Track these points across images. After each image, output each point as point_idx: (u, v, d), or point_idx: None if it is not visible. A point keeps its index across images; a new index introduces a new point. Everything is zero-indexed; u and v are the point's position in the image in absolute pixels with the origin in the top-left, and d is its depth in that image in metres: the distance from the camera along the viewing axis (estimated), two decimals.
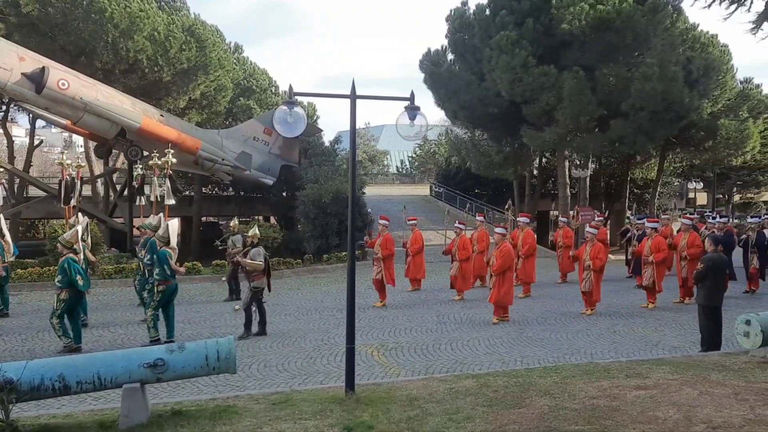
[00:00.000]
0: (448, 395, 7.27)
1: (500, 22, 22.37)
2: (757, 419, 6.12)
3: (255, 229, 11.79)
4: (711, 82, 23.76)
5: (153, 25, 21.43)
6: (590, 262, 12.93)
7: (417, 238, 16.07)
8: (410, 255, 16.22)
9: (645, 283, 13.91)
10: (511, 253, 12.42)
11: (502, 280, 12.24)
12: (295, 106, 7.21)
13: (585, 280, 13.11)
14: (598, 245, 13.27)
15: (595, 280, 13.05)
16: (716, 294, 9.87)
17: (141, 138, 20.31)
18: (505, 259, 12.16)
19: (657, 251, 13.63)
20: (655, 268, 13.66)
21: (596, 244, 13.23)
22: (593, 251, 13.06)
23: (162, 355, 6.57)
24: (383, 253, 14.99)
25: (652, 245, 13.78)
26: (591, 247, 13.15)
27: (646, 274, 13.86)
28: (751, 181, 38.49)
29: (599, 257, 13.02)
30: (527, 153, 27.99)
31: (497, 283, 12.25)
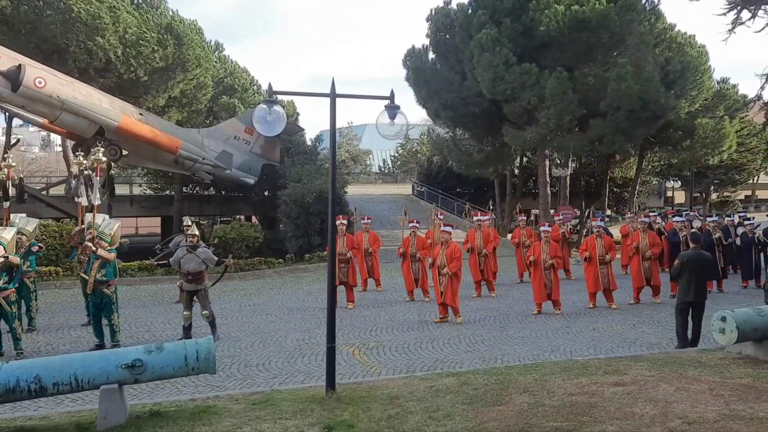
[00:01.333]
0: (429, 393, 7.30)
1: (480, 22, 22.48)
2: (731, 414, 6.23)
3: (194, 228, 11.33)
4: (688, 83, 24.08)
5: (124, 24, 21.11)
6: (552, 261, 12.90)
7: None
8: None
9: (604, 285, 13.68)
10: (461, 253, 12.41)
11: (456, 280, 12.18)
12: (274, 105, 7.19)
13: (546, 281, 13.03)
14: (555, 245, 13.27)
15: (556, 280, 13.07)
16: (687, 291, 10.01)
17: (120, 137, 20.10)
18: (459, 259, 12.14)
19: (610, 250, 13.72)
20: (610, 267, 13.64)
21: (552, 243, 13.20)
22: (551, 250, 13.02)
23: (140, 355, 6.53)
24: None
25: (605, 245, 13.76)
26: (550, 247, 13.09)
27: (602, 276, 13.66)
28: (727, 179, 39.05)
29: (560, 255, 13.08)
30: (508, 152, 28.14)
31: (448, 284, 12.11)
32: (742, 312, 8.84)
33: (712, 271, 10.58)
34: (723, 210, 37.30)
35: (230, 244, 21.32)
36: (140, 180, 34.53)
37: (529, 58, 22.11)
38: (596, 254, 13.59)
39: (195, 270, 10.87)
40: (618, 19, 21.62)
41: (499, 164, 28.39)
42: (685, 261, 10.14)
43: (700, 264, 10.13)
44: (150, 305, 14.57)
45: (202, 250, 10.98)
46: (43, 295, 15.52)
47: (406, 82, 26.50)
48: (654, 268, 14.19)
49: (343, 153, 55.40)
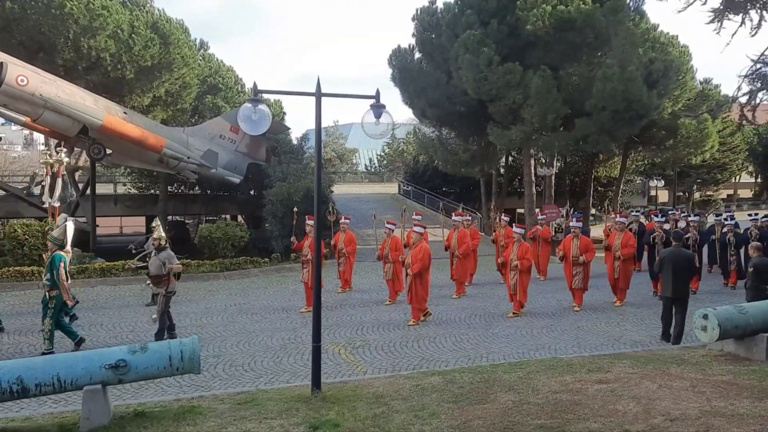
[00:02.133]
0: (414, 392, 7.32)
1: (467, 22, 22.53)
2: (713, 411, 6.30)
3: (160, 231, 11.06)
4: (671, 83, 24.26)
5: (116, 22, 21.00)
6: (517, 262, 12.75)
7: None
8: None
9: (574, 285, 13.58)
10: (429, 253, 12.16)
11: (419, 281, 12.02)
12: (259, 104, 7.19)
13: (512, 282, 12.90)
14: (525, 245, 13.10)
15: (522, 281, 12.83)
16: (666, 287, 10.43)
17: (104, 136, 19.91)
18: (423, 260, 11.94)
19: (586, 251, 13.46)
20: (585, 268, 13.50)
21: (523, 244, 13.05)
22: (520, 251, 12.86)
23: (124, 356, 6.49)
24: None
25: (580, 246, 13.55)
26: (518, 247, 12.94)
27: (576, 276, 13.53)
28: (710, 179, 39.47)
29: (526, 257, 12.78)
30: (494, 151, 28.23)
31: (414, 285, 11.99)
32: (724, 310, 8.96)
33: (692, 269, 10.73)
34: (706, 209, 37.68)
35: (215, 243, 21.23)
36: (124, 179, 34.28)
37: (515, 57, 22.19)
38: (570, 255, 13.56)
39: (153, 273, 10.86)
40: (604, 19, 21.76)
41: (484, 163, 28.48)
42: (664, 258, 10.49)
43: (679, 261, 10.35)
44: (134, 305, 14.47)
45: (165, 253, 10.79)
46: (25, 296, 15.41)
47: (392, 81, 26.51)
48: (623, 269, 13.94)
49: (330, 152, 55.32)
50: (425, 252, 12.05)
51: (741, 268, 15.94)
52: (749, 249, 11.17)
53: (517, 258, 12.75)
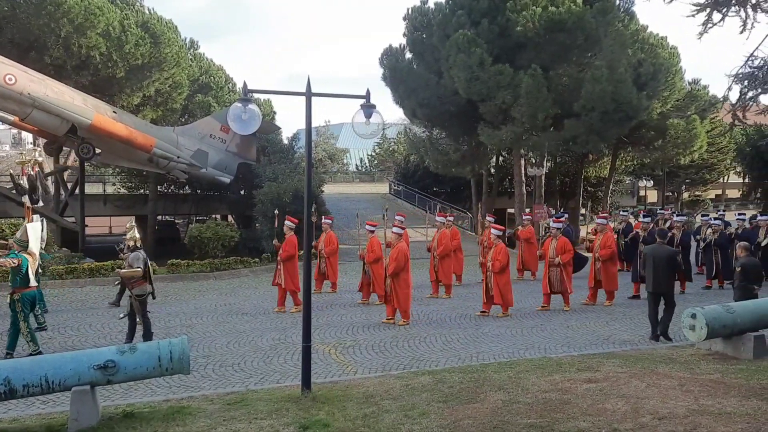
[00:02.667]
0: (404, 392, 7.33)
1: (458, 22, 22.59)
2: (700, 409, 6.35)
3: (134, 231, 10.67)
4: (660, 83, 24.42)
5: (108, 20, 20.89)
6: (490, 263, 12.62)
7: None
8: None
9: (556, 288, 13.37)
10: (405, 254, 11.96)
11: (398, 282, 11.89)
12: (249, 103, 7.18)
13: (488, 282, 12.75)
14: (501, 246, 12.90)
15: (496, 282, 12.64)
16: (648, 282, 10.76)
17: (93, 135, 19.81)
18: (399, 261, 11.78)
19: (562, 252, 13.22)
20: (562, 269, 13.26)
21: (499, 245, 12.90)
22: (494, 253, 12.73)
23: (113, 356, 6.47)
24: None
25: (557, 246, 13.35)
26: (494, 249, 12.83)
27: (552, 277, 13.35)
28: (698, 179, 39.74)
29: (499, 259, 12.59)
30: (484, 151, 28.30)
31: (393, 287, 11.88)
32: (712, 309, 9.04)
33: (673, 265, 10.86)
34: (694, 209, 37.93)
35: (206, 243, 21.16)
36: (114, 179, 34.12)
37: (506, 58, 22.27)
38: (547, 256, 13.53)
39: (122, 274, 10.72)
40: (593, 21, 21.88)
41: (475, 164, 28.55)
42: (646, 254, 10.96)
43: (659, 257, 10.57)
44: (124, 306, 14.38)
45: (133, 255, 10.46)
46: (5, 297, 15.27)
47: (382, 81, 26.52)
48: (604, 270, 13.79)
49: (320, 152, 55.28)
50: (401, 252, 11.89)
51: (723, 269, 15.96)
52: (737, 249, 11.26)
53: (492, 259, 12.63)
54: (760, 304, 9.46)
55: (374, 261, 13.59)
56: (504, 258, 12.68)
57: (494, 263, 12.56)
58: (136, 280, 10.35)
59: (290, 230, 13.85)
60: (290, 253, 13.48)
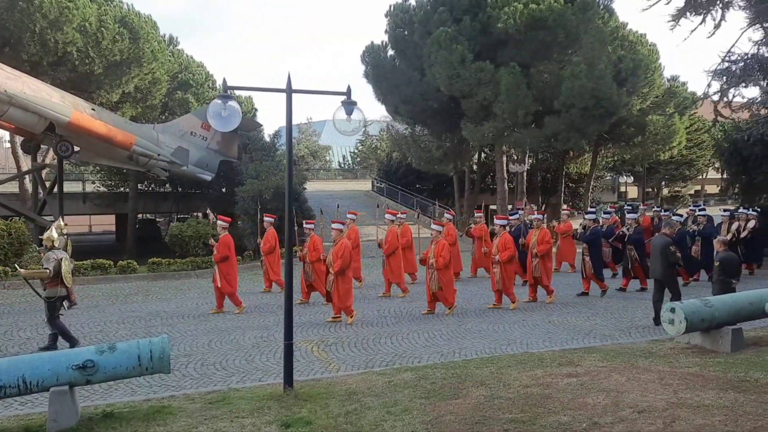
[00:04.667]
0: (387, 388, 7.33)
1: (439, 19, 22.62)
2: (679, 402, 6.43)
3: (51, 231, 10.26)
4: (639, 80, 24.67)
5: (83, 15, 20.64)
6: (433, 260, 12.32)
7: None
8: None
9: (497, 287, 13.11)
10: (349, 250, 11.82)
11: (341, 279, 11.69)
12: (229, 100, 7.12)
13: (432, 280, 12.45)
14: (442, 242, 12.57)
15: (442, 278, 12.40)
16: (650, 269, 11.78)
17: (71, 133, 19.57)
18: (345, 258, 11.61)
19: (503, 249, 12.88)
20: (502, 267, 12.92)
21: (440, 241, 12.58)
22: (437, 249, 12.40)
23: (92, 356, 6.39)
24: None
25: (499, 243, 13.03)
26: (435, 245, 12.52)
27: (495, 275, 13.05)
28: (678, 175, 40.19)
29: (442, 255, 12.32)
30: (467, 148, 28.41)
31: (336, 285, 11.67)
32: (691, 303, 9.15)
33: (665, 254, 11.14)
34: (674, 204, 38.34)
35: (186, 242, 20.99)
36: (93, 177, 33.75)
37: (487, 55, 22.36)
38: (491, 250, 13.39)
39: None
40: (574, 18, 22.02)
41: (457, 160, 28.66)
42: (651, 243, 11.84)
43: (656, 247, 11.32)
44: (103, 305, 14.26)
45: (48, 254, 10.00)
46: None
47: (365, 78, 26.49)
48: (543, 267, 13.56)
49: (303, 149, 55.10)
50: (346, 249, 11.73)
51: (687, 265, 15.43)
52: (715, 243, 11.42)
53: (434, 256, 12.38)
54: (738, 297, 9.60)
55: (317, 260, 13.26)
56: (448, 254, 12.53)
57: (438, 260, 12.28)
58: (47, 281, 9.81)
59: (224, 230, 13.39)
60: (224, 254, 12.97)
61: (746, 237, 17.05)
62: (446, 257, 12.41)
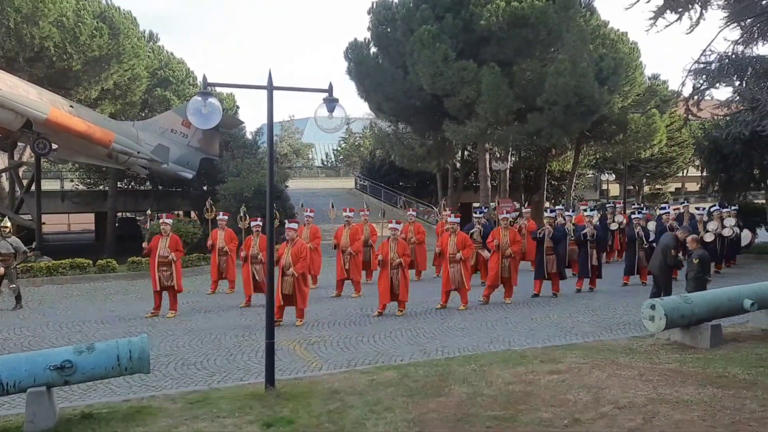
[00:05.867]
0: (370, 387, 7.31)
1: (422, 16, 22.60)
2: (659, 398, 6.48)
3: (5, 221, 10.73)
4: (621, 78, 24.86)
5: (60, 10, 20.32)
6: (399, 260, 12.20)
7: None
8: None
9: (454, 285, 12.94)
10: (308, 250, 11.68)
11: (303, 280, 11.48)
12: (209, 97, 7.05)
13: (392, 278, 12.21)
14: (402, 242, 12.61)
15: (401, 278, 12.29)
16: None
17: (49, 130, 19.26)
18: (306, 259, 11.44)
19: (462, 248, 12.77)
20: (462, 265, 12.77)
21: (400, 241, 12.54)
22: (398, 248, 12.30)
23: (70, 356, 6.30)
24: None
25: (458, 242, 12.86)
26: (396, 244, 12.36)
27: (452, 274, 12.81)
28: (658, 172, 40.56)
29: (406, 254, 12.26)
30: (450, 146, 28.47)
31: (297, 287, 11.39)
32: (670, 300, 9.25)
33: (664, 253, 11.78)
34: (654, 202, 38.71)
35: None
36: (72, 175, 33.31)
37: (470, 52, 22.39)
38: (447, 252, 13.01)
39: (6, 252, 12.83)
40: (556, 16, 22.13)
41: (440, 158, 28.70)
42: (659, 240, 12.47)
43: (660, 243, 12.05)
44: (82, 304, 14.08)
45: (12, 239, 12.96)
46: None
47: (347, 75, 26.42)
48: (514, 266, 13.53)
49: (285, 147, 54.82)
50: (306, 250, 11.58)
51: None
52: (688, 241, 11.52)
53: (398, 255, 12.22)
54: (716, 294, 9.70)
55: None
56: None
57: (404, 258, 12.23)
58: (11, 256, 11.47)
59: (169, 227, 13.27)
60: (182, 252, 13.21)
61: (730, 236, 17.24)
62: (409, 256, 12.31)
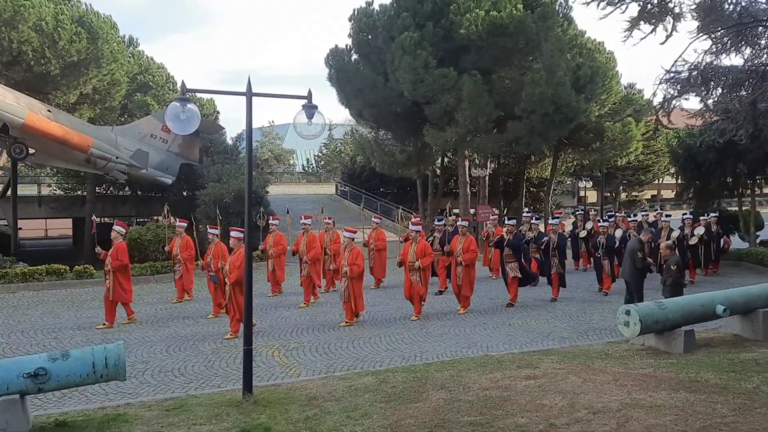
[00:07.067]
0: (347, 393, 7.33)
1: (403, 24, 22.71)
2: (633, 403, 6.58)
3: None
4: (597, 87, 25.16)
5: (39, 14, 20.12)
6: (347, 269, 11.90)
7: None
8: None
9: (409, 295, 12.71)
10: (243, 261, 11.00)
11: (239, 290, 10.75)
12: (188, 103, 7.05)
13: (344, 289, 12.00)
14: (357, 249, 12.10)
15: (353, 288, 11.98)
16: None
17: (26, 135, 19.07)
18: (240, 268, 10.69)
19: (422, 256, 12.46)
20: (422, 274, 12.53)
21: (354, 248, 12.11)
22: (351, 256, 12.00)
23: (44, 363, 6.24)
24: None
25: (418, 250, 12.55)
26: (350, 252, 12.07)
27: (413, 280, 12.56)
28: (635, 180, 41.09)
29: (357, 263, 11.92)
30: (430, 153, 28.56)
31: (233, 296, 10.96)
32: (645, 306, 9.39)
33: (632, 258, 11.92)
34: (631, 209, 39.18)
35: (146, 246, 20.61)
36: (49, 180, 32.92)
37: (450, 60, 22.53)
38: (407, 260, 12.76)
39: None
40: (534, 25, 22.35)
41: (421, 165, 28.77)
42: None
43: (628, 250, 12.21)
44: (58, 311, 13.92)
45: None
46: None
47: (328, 81, 26.42)
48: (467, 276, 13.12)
49: (266, 152, 54.66)
50: (242, 258, 10.90)
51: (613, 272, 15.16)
52: (661, 248, 11.74)
53: (348, 263, 11.93)
54: (690, 300, 9.87)
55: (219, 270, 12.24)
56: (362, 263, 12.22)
57: (353, 267, 11.87)
58: None
59: (120, 236, 12.79)
60: (124, 261, 12.44)
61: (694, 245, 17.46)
62: (361, 265, 11.92)
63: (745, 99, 10.82)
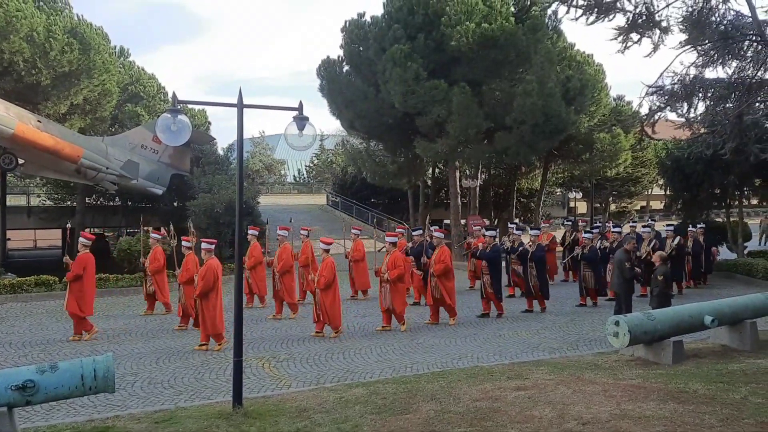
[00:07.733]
0: (338, 404, 7.32)
1: (394, 36, 22.86)
2: (622, 414, 6.61)
3: None
4: (587, 99, 25.40)
5: (31, 25, 20.11)
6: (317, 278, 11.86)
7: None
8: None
9: (385, 305, 12.54)
10: (214, 272, 10.97)
11: (206, 303, 10.90)
12: (179, 114, 7.07)
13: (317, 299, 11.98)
14: (327, 261, 11.89)
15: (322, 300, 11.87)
16: None
17: (15, 145, 19.00)
18: (208, 279, 10.84)
19: (392, 268, 12.33)
20: (391, 286, 12.37)
21: (326, 259, 11.93)
22: (321, 268, 11.89)
23: (32, 375, 6.19)
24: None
25: (389, 262, 12.44)
26: (321, 263, 11.96)
27: (384, 295, 12.49)
28: (624, 191, 41.34)
29: (323, 274, 11.75)
30: (420, 163, 28.66)
31: (201, 309, 10.95)
32: (634, 316, 9.45)
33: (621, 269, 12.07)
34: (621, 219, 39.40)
35: (136, 256, 20.50)
36: (39, 190, 32.74)
37: (441, 72, 22.68)
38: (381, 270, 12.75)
39: None
40: (524, 38, 22.57)
41: (411, 175, 28.86)
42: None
43: (616, 261, 12.36)
44: (47, 322, 13.83)
45: None
46: None
47: (320, 92, 26.52)
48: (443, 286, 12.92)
49: (257, 163, 54.64)
50: (209, 270, 10.95)
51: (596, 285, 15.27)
52: (654, 257, 11.82)
53: (319, 275, 11.91)
54: (678, 311, 9.95)
55: (186, 282, 12.49)
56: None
57: (320, 279, 11.76)
58: None
59: (84, 247, 12.51)
60: (78, 272, 12.06)
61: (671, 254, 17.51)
62: (328, 277, 11.70)
63: (731, 111, 10.97)
